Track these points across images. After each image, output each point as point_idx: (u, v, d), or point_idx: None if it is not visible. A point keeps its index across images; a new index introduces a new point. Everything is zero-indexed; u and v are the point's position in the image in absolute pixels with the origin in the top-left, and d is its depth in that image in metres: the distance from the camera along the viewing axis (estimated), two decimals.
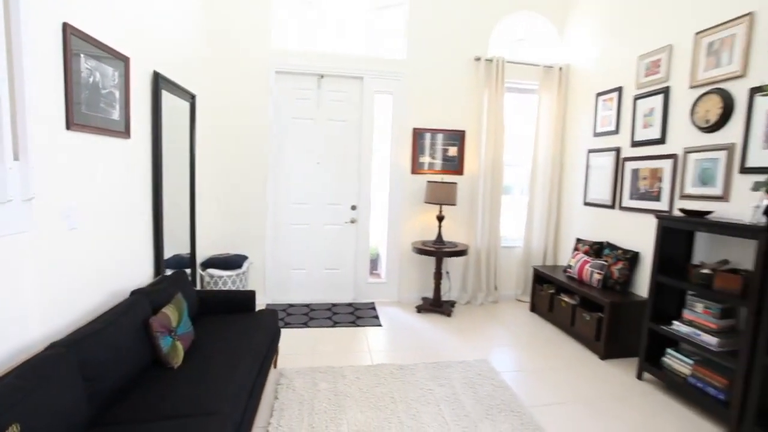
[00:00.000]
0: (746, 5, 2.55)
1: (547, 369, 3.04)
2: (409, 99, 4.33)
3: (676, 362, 2.73)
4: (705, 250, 2.80)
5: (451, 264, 4.51)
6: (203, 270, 3.71)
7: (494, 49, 4.41)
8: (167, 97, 2.92)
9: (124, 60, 2.35)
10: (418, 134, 4.39)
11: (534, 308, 4.31)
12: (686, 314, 2.66)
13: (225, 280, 3.70)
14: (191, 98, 3.43)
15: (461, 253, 4.09)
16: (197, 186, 3.57)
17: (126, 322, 1.90)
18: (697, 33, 2.87)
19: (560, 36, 4.53)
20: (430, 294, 4.45)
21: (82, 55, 1.97)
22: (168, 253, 2.98)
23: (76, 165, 1.96)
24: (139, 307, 2.06)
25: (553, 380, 2.87)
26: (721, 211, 2.68)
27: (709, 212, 2.64)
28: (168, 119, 2.91)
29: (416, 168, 4.42)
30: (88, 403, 1.53)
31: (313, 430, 2.16)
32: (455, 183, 4.14)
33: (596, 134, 4.00)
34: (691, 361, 2.62)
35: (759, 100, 2.44)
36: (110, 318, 1.85)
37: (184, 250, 3.42)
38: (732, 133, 2.64)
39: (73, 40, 1.90)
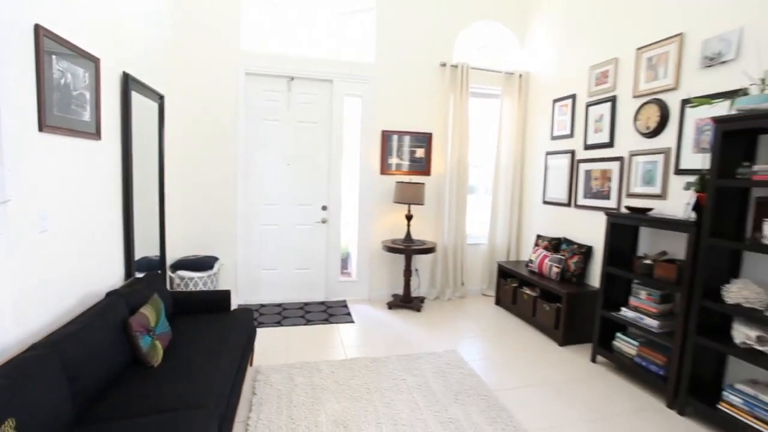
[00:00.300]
0: (677, 26, 2.87)
1: (511, 357, 3.27)
2: (377, 102, 4.48)
3: (625, 345, 3.01)
4: (648, 243, 3.10)
5: (420, 261, 4.69)
6: (173, 272, 3.71)
7: (459, 55, 4.64)
8: (136, 98, 2.93)
9: (95, 61, 2.36)
10: (386, 136, 4.54)
11: (499, 301, 4.56)
12: (632, 301, 2.95)
13: (196, 281, 3.72)
14: (160, 99, 3.43)
15: (429, 250, 4.28)
16: (166, 187, 3.58)
17: (105, 323, 1.94)
18: (638, 48, 3.18)
19: (521, 45, 4.81)
20: (400, 291, 4.62)
21: (54, 57, 1.99)
22: (137, 256, 2.99)
23: (48, 167, 1.98)
24: (117, 307, 2.10)
25: (516, 366, 3.09)
26: (660, 208, 2.99)
27: (650, 209, 2.94)
28: (137, 120, 2.92)
29: (385, 169, 4.58)
30: (72, 402, 1.58)
31: (292, 422, 2.26)
32: (423, 183, 4.32)
33: (553, 137, 4.29)
34: (636, 343, 2.91)
35: (689, 110, 2.76)
36: (89, 319, 1.89)
37: (153, 252, 3.41)
38: (668, 138, 2.95)
39: (45, 41, 1.91)
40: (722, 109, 2.43)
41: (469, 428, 2.24)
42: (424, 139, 4.64)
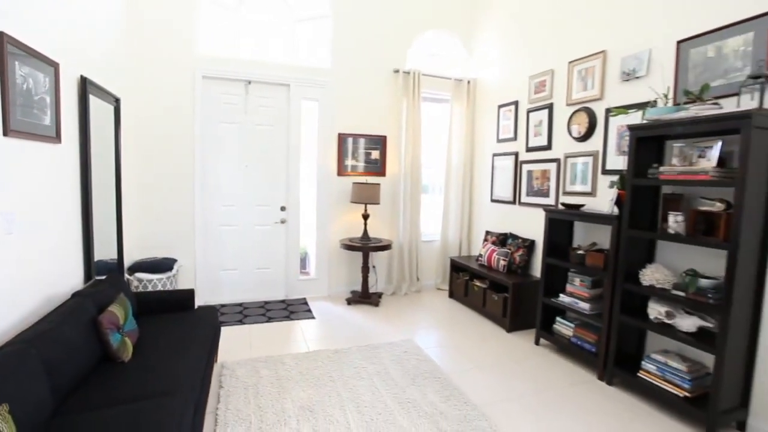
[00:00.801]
0: (601, 44, 3.25)
1: (463, 344, 3.53)
2: (334, 106, 4.63)
3: (563, 327, 3.35)
4: (581, 236, 3.47)
5: (377, 258, 4.89)
6: (130, 274, 3.67)
7: (411, 62, 4.88)
8: (93, 101, 2.92)
9: (54, 66, 2.37)
10: (342, 139, 4.70)
11: (452, 294, 4.84)
12: (569, 288, 3.29)
13: (155, 283, 3.70)
14: (116, 102, 3.40)
15: (386, 247, 4.48)
16: (123, 189, 3.54)
17: (76, 321, 1.98)
18: (570, 62, 3.55)
19: (469, 53, 5.12)
20: (358, 287, 4.78)
21: (17, 62, 2.00)
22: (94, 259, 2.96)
23: (13, 171, 1.99)
24: (85, 307, 2.13)
25: (468, 352, 3.35)
26: (591, 204, 3.35)
27: (582, 205, 3.30)
28: (94, 123, 2.90)
29: (342, 170, 4.74)
30: (52, 395, 1.63)
31: (260, 410, 2.38)
32: (378, 184, 4.52)
33: (499, 140, 4.63)
34: (572, 325, 3.26)
35: (611, 118, 3.13)
36: (60, 317, 1.92)
37: (109, 255, 3.37)
38: (596, 142, 3.33)
39: (8, 48, 1.93)
40: (637, 118, 2.80)
41: (426, 406, 2.45)
42: (379, 142, 4.84)
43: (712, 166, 2.24)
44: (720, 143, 2.25)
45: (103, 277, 2.83)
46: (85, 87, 2.75)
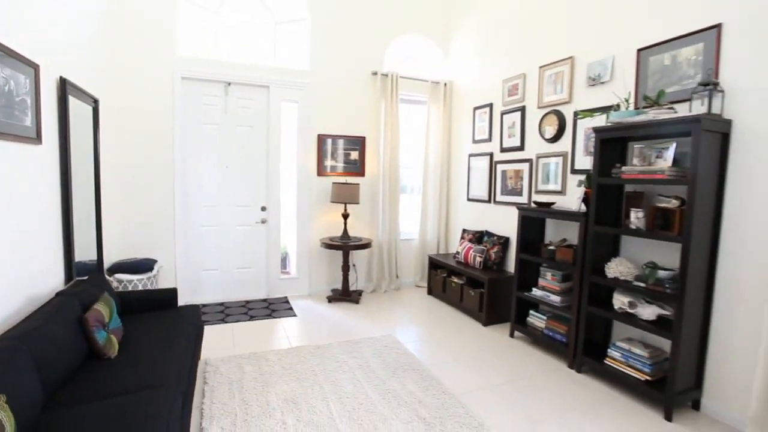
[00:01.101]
0: (570, 50, 3.42)
1: (441, 337, 3.65)
2: (313, 107, 4.69)
3: (536, 320, 3.51)
4: (553, 232, 3.64)
5: (357, 257, 4.98)
6: (110, 275, 3.66)
7: (389, 65, 4.99)
8: (73, 102, 2.91)
9: (35, 67, 2.37)
10: (322, 140, 4.77)
11: (430, 291, 4.97)
12: (541, 282, 3.45)
13: (135, 284, 3.69)
14: (94, 102, 3.39)
15: (366, 246, 4.57)
16: (102, 190, 3.53)
17: (63, 319, 2.00)
18: (541, 66, 3.72)
19: (445, 57, 5.27)
20: (339, 285, 4.86)
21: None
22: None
23: None
24: (71, 305, 2.15)
25: (446, 345, 3.48)
26: (561, 202, 3.53)
27: (552, 203, 3.47)
28: (73, 124, 2.90)
29: (322, 170, 4.81)
30: (42, 389, 1.66)
31: (245, 403, 2.44)
32: (358, 184, 4.61)
33: (475, 141, 4.78)
34: (545, 317, 3.42)
35: (579, 121, 3.31)
36: (47, 315, 1.95)
37: (88, 256, 3.35)
38: (565, 143, 3.51)
39: None
40: (602, 120, 2.98)
41: (406, 396, 2.56)
42: (358, 143, 4.93)
43: (667, 166, 2.42)
44: (674, 145, 2.44)
45: (85, 278, 2.83)
46: (64, 88, 2.74)
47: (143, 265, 3.80)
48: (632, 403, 2.59)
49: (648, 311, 2.57)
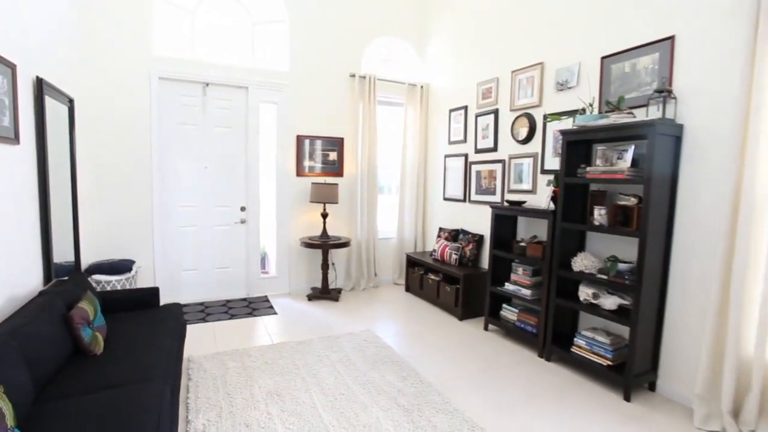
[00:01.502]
0: (539, 56, 3.61)
1: (418, 332, 3.78)
2: (292, 108, 4.76)
3: (509, 313, 3.68)
4: (524, 229, 3.82)
5: (336, 255, 5.06)
6: (87, 276, 3.62)
7: (367, 67, 5.09)
8: (49, 102, 2.90)
9: (12, 67, 2.37)
10: (301, 141, 4.84)
11: (408, 288, 5.10)
12: (513, 277, 3.62)
13: (113, 284, 3.67)
14: (69, 102, 3.37)
15: (344, 244, 4.67)
16: (79, 190, 3.50)
17: (49, 316, 2.03)
18: (513, 71, 3.90)
19: (421, 60, 5.41)
20: (318, 284, 4.93)
21: None
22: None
23: None
24: (54, 304, 2.17)
25: (423, 339, 3.61)
26: (531, 201, 3.71)
27: (524, 202, 3.65)
28: (49, 124, 2.89)
29: (301, 171, 4.87)
30: (32, 384, 1.70)
31: (229, 396, 2.50)
32: (336, 184, 4.70)
33: (450, 142, 4.94)
34: (516, 310, 3.59)
35: (548, 124, 3.50)
36: (32, 314, 1.97)
37: (65, 258, 3.32)
38: (535, 145, 3.69)
39: None
40: (569, 124, 3.16)
41: (385, 386, 2.67)
42: (336, 143, 5.02)
43: (627, 167, 2.62)
44: (633, 147, 2.64)
45: (65, 278, 2.82)
46: (41, 88, 2.73)
47: (121, 266, 3.78)
48: (596, 386, 2.78)
49: (610, 301, 2.76)
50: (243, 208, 4.65)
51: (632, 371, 2.55)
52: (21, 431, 1.47)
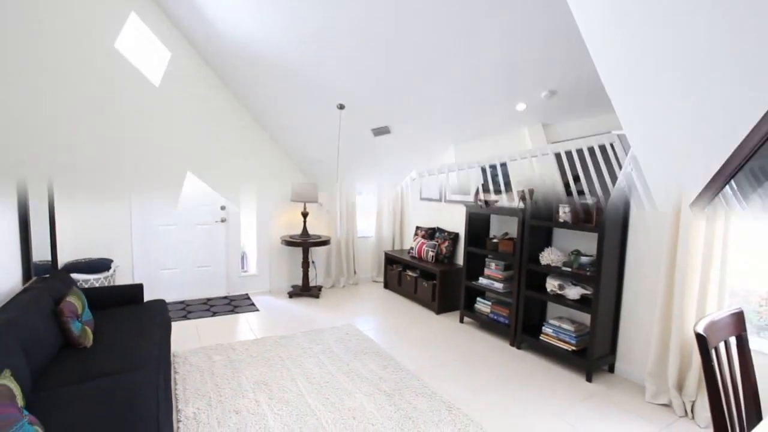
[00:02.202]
0: None
1: (398, 325, 3.95)
2: None
3: (483, 306, 3.90)
4: (497, 227, 4.05)
5: (317, 254, 5.18)
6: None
7: None
8: None
9: None
10: None
11: (387, 285, 5.27)
12: (486, 272, 3.84)
13: (92, 283, 3.68)
14: None
15: (325, 243, 4.79)
16: (55, 189, 3.50)
17: (37, 310, 2.10)
18: None
19: None
20: (299, 282, 5.03)
21: None
22: None
23: None
24: (42, 299, 2.23)
25: (402, 332, 3.78)
26: (503, 201, 3.93)
27: (496, 201, 3.87)
28: None
29: None
30: (30, 373, 1.77)
31: (217, 387, 2.60)
32: (316, 183, 4.82)
33: None
34: (490, 303, 3.81)
35: None
36: (20, 307, 2.02)
37: (42, 256, 3.32)
38: None
39: None
40: None
41: (367, 374, 2.83)
42: None
43: None
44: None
45: (46, 276, 2.85)
46: None
47: (100, 265, 3.80)
48: (562, 370, 3.01)
49: (573, 292, 3.00)
50: (223, 207, 4.71)
51: (593, 355, 2.80)
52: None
